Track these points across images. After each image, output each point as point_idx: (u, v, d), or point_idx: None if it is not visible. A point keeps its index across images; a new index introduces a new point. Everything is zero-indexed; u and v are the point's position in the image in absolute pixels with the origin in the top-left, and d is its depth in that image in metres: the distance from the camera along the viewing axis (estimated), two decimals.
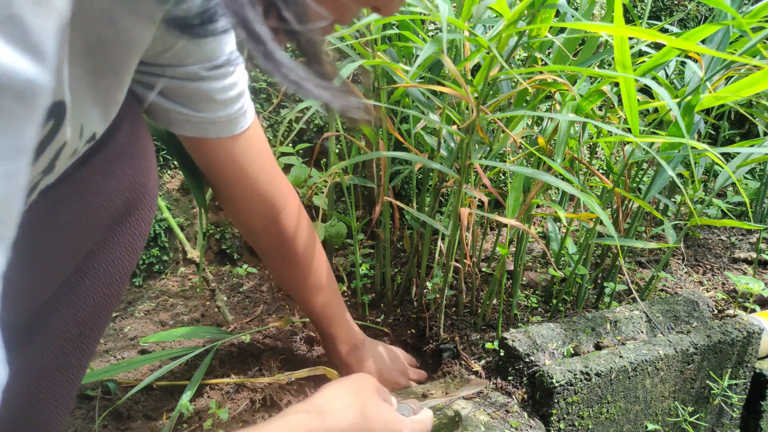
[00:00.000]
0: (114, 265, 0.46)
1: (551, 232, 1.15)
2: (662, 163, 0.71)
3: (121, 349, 0.91)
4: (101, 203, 0.42)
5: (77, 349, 0.44)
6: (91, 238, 0.43)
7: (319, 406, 0.48)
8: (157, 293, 1.12)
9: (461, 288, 0.97)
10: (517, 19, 0.70)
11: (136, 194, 0.46)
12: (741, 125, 2.01)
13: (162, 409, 0.78)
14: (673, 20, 1.78)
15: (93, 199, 0.42)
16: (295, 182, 1.18)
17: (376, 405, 0.53)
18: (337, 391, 0.51)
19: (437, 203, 0.98)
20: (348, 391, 0.51)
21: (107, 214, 0.43)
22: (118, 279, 0.47)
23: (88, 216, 0.42)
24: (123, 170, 0.44)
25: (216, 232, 1.26)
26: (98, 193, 0.42)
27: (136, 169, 0.45)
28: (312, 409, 0.47)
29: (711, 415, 0.94)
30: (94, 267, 0.44)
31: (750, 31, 0.81)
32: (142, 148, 0.46)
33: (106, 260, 0.45)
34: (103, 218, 0.43)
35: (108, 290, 0.45)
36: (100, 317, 0.46)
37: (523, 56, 1.12)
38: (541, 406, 0.78)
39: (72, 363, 0.44)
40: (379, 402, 0.54)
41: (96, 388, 0.78)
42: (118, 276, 0.46)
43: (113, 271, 0.46)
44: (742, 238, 1.49)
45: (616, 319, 0.90)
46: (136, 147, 0.45)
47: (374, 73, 0.94)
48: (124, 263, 0.47)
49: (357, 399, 0.51)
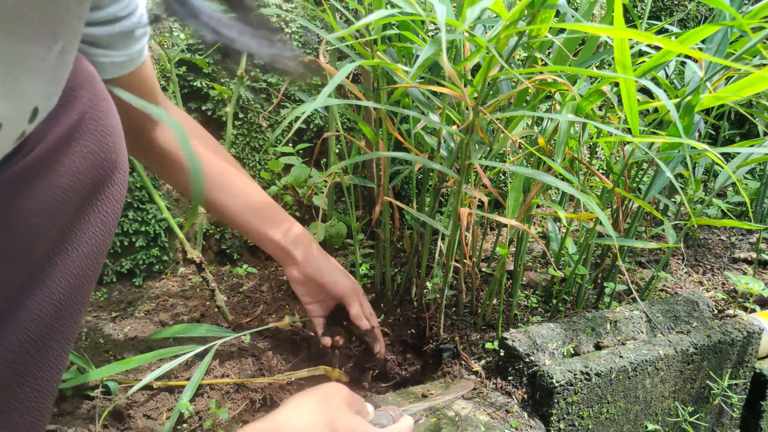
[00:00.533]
0: (87, 246, 0.45)
1: (551, 232, 1.15)
2: (661, 165, 0.71)
3: (121, 349, 0.91)
4: (68, 183, 0.41)
5: (56, 332, 0.43)
6: (60, 219, 0.42)
7: (277, 425, 0.45)
8: (157, 293, 1.12)
9: (461, 288, 0.97)
10: (516, 19, 0.70)
11: (105, 172, 0.44)
12: (741, 125, 2.01)
13: (162, 409, 0.78)
14: (673, 20, 1.78)
15: (59, 180, 0.40)
16: (295, 182, 1.18)
17: (346, 419, 0.50)
18: (301, 406, 0.48)
19: (437, 203, 0.98)
20: (314, 405, 0.48)
21: (75, 194, 0.42)
22: (93, 259, 0.45)
23: (54, 198, 0.40)
24: (88, 147, 0.42)
25: (216, 232, 1.26)
26: (63, 174, 0.41)
27: (102, 146, 0.43)
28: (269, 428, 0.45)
29: (711, 415, 0.94)
30: (67, 249, 0.43)
31: (750, 31, 0.81)
32: (107, 124, 0.44)
33: (78, 241, 0.44)
34: (72, 199, 0.42)
35: (83, 271, 0.45)
36: (77, 299, 0.45)
37: (523, 56, 1.12)
38: (541, 406, 0.78)
39: (52, 346, 0.43)
40: (350, 416, 0.51)
41: (96, 388, 0.78)
42: (92, 256, 0.45)
43: (87, 252, 0.45)
44: (742, 238, 1.49)
45: (616, 319, 0.90)
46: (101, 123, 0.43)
47: (374, 74, 0.94)
48: (98, 242, 0.46)
49: (324, 413, 0.48)
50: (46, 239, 0.41)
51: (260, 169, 1.27)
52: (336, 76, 0.64)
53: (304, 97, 1.20)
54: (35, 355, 0.42)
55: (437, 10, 0.53)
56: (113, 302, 1.08)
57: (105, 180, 0.45)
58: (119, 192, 0.47)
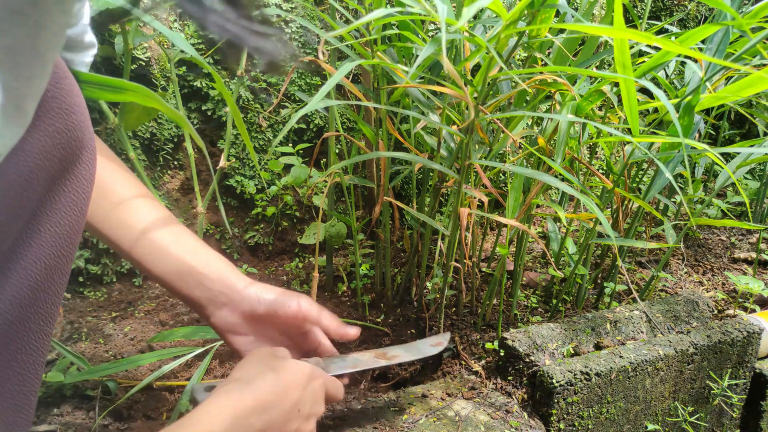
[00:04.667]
0: (60, 226, 0.45)
1: (551, 232, 1.15)
2: (660, 165, 0.71)
3: (121, 349, 0.91)
4: (35, 162, 0.40)
5: (34, 314, 0.43)
6: (29, 201, 0.41)
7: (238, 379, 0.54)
8: (157, 293, 1.12)
9: (461, 288, 0.97)
10: (516, 19, 0.70)
11: (72, 150, 0.44)
12: (741, 125, 2.01)
13: (162, 409, 0.78)
14: (672, 20, 1.79)
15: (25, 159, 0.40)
16: (295, 182, 1.18)
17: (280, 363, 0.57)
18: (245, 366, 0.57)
19: (437, 203, 0.98)
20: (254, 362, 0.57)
21: (43, 173, 0.41)
22: (67, 239, 0.45)
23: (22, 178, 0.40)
24: (54, 126, 0.42)
25: (216, 232, 1.26)
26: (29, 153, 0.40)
27: (67, 124, 0.43)
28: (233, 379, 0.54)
29: (711, 415, 0.94)
30: (40, 230, 0.43)
31: (750, 32, 0.81)
32: (71, 102, 0.44)
33: (50, 221, 0.44)
34: (39, 178, 0.41)
35: (58, 252, 0.45)
36: (54, 279, 0.45)
37: (523, 56, 1.12)
38: (541, 406, 0.78)
39: (32, 329, 0.44)
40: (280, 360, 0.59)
41: (96, 388, 0.78)
42: (66, 236, 0.45)
43: (60, 232, 0.45)
44: (742, 238, 1.49)
45: (616, 319, 0.90)
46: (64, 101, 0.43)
47: (374, 74, 0.94)
48: (71, 222, 0.46)
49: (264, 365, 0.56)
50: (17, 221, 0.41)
51: (260, 169, 1.27)
52: (335, 75, 0.64)
53: (305, 97, 1.20)
54: (15, 338, 0.43)
55: (439, 8, 0.53)
56: (113, 302, 1.08)
57: (73, 159, 0.45)
58: (88, 171, 0.47)
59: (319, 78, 1.30)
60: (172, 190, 1.21)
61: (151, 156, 1.17)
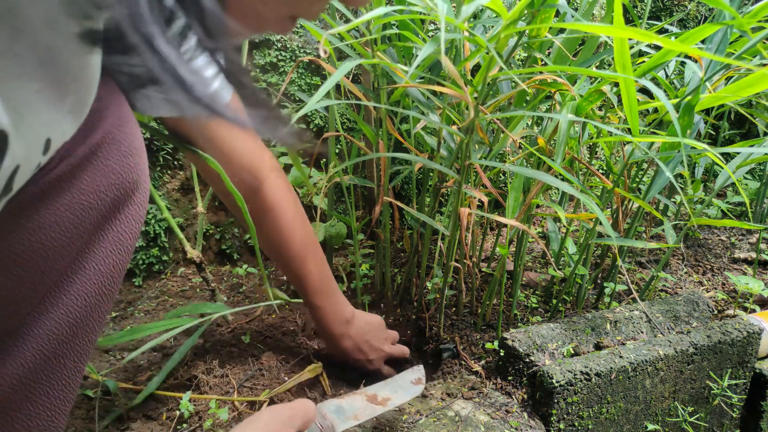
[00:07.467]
0: (105, 264, 0.45)
1: (551, 232, 1.15)
2: (660, 165, 0.71)
3: (121, 349, 0.91)
4: (87, 200, 0.41)
5: (71, 351, 0.43)
6: (78, 237, 0.42)
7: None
8: (157, 293, 1.12)
9: (461, 288, 0.97)
10: (516, 19, 0.70)
11: (125, 191, 0.44)
12: (741, 125, 2.01)
13: (162, 409, 0.78)
14: (673, 20, 1.78)
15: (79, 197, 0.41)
16: (295, 182, 1.18)
17: None
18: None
19: (437, 203, 0.98)
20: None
21: (94, 212, 0.42)
22: (110, 279, 0.45)
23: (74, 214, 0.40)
24: (110, 167, 0.43)
25: (216, 232, 1.26)
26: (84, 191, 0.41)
27: (124, 166, 0.44)
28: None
29: (711, 415, 0.94)
30: (85, 267, 0.43)
31: (750, 31, 0.81)
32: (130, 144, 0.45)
33: (96, 259, 0.44)
34: (91, 216, 0.42)
35: (100, 290, 0.45)
36: (94, 318, 0.45)
37: (523, 56, 1.12)
38: (541, 406, 0.78)
39: (67, 365, 0.43)
40: None
41: (96, 388, 0.78)
42: (110, 275, 0.45)
43: (105, 271, 0.45)
44: (742, 238, 1.49)
45: (616, 320, 0.90)
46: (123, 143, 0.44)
47: (374, 73, 0.94)
48: (116, 262, 0.46)
49: None
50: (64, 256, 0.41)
51: None
52: (334, 75, 0.64)
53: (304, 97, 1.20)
54: (50, 373, 0.42)
55: (439, 6, 0.53)
56: (113, 302, 1.08)
57: (125, 199, 0.45)
58: (138, 212, 0.47)
59: (319, 78, 1.30)
60: (172, 190, 1.21)
61: (151, 156, 1.17)
